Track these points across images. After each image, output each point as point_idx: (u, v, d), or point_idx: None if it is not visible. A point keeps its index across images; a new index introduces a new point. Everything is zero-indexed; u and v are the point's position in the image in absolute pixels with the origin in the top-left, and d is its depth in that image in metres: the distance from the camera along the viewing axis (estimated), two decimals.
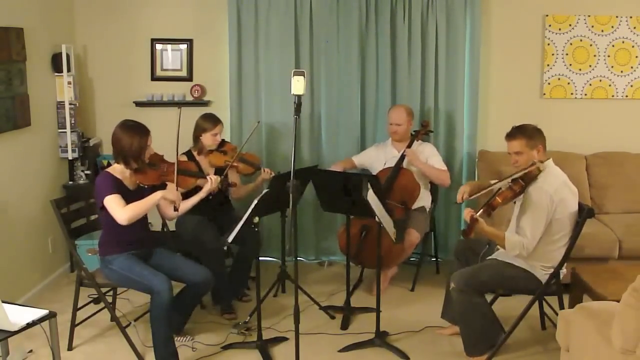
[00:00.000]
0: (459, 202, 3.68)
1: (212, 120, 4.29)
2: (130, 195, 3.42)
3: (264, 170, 4.35)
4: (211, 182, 3.71)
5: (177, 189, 3.52)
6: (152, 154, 3.55)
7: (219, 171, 4.20)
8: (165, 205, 3.64)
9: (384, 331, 3.86)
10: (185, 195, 3.78)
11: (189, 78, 5.16)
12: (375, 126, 5.10)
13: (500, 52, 5.11)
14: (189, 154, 4.31)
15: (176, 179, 3.51)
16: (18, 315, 2.76)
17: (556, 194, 3.35)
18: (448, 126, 5.08)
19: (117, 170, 3.47)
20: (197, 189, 3.76)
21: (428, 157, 4.60)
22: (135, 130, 3.44)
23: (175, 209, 3.51)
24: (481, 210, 3.35)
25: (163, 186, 3.61)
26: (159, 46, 5.14)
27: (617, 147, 5.06)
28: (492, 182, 3.64)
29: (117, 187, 3.39)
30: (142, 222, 3.56)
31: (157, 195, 3.40)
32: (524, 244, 3.35)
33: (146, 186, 3.50)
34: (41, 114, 4.54)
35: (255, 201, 3.41)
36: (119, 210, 3.31)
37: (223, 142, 4.37)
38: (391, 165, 4.54)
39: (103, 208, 3.38)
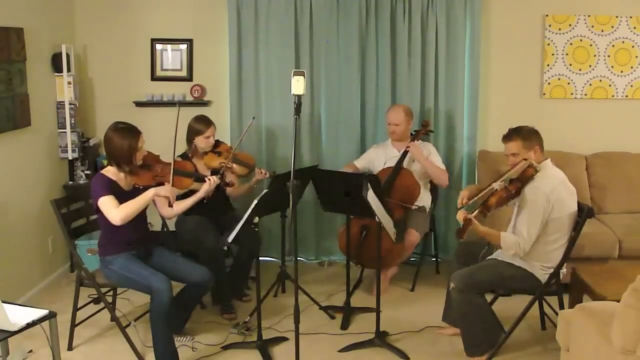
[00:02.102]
0: (459, 207, 3.65)
1: (204, 122, 4.25)
2: (125, 197, 3.41)
3: (259, 171, 4.34)
4: (209, 183, 3.69)
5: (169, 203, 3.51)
6: (146, 154, 3.54)
7: (215, 172, 4.20)
8: (162, 202, 3.65)
9: (384, 331, 3.86)
10: (184, 197, 3.78)
11: (189, 78, 5.16)
12: (375, 126, 5.10)
13: (500, 52, 5.10)
14: (184, 156, 4.28)
15: (172, 179, 3.50)
16: (18, 315, 2.76)
17: (552, 194, 3.35)
18: (448, 126, 5.08)
19: (112, 171, 3.47)
20: (195, 190, 3.76)
21: (428, 155, 4.61)
22: (126, 132, 3.42)
23: (170, 205, 3.51)
24: (476, 212, 3.36)
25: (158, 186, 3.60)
26: (159, 46, 5.14)
27: (617, 147, 5.06)
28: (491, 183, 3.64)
29: (111, 188, 3.39)
30: (141, 222, 3.56)
31: (149, 193, 3.40)
32: (519, 244, 3.35)
33: (141, 187, 3.49)
34: (41, 114, 4.54)
35: (255, 201, 3.41)
36: (112, 210, 3.31)
37: (217, 143, 4.34)
38: (391, 165, 4.54)
39: (99, 209, 3.38)
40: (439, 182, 4.63)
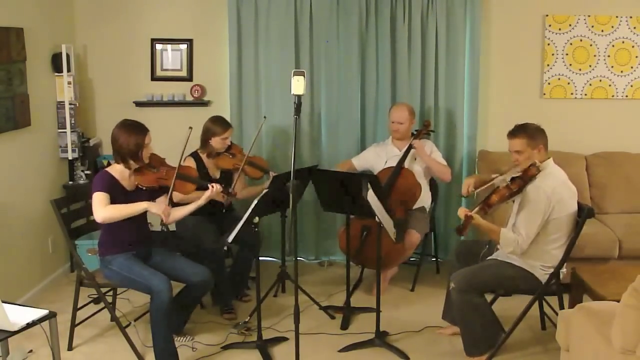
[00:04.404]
0: (464, 194, 3.69)
1: (222, 124, 4.26)
2: (127, 196, 3.42)
3: (272, 176, 4.31)
4: (212, 190, 3.65)
5: (168, 203, 3.47)
6: (151, 154, 3.54)
7: (227, 174, 4.19)
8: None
9: (384, 331, 3.86)
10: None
11: (189, 78, 5.16)
12: (375, 126, 5.10)
13: (500, 52, 5.10)
14: (195, 155, 4.29)
15: (174, 183, 3.48)
16: (18, 315, 2.76)
17: (554, 194, 3.35)
18: (448, 126, 5.08)
19: (117, 170, 3.47)
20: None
21: (430, 153, 4.63)
22: (133, 128, 3.44)
23: (162, 223, 3.51)
24: (477, 208, 3.37)
25: (161, 190, 3.58)
26: (159, 46, 5.14)
27: (617, 147, 5.06)
28: (494, 176, 3.64)
29: (111, 186, 3.39)
30: (141, 222, 3.56)
31: (141, 205, 3.39)
32: (517, 242, 3.36)
33: (144, 188, 3.49)
34: (41, 114, 4.54)
35: (255, 201, 3.41)
36: (99, 208, 3.32)
37: (231, 145, 4.34)
38: (392, 165, 4.53)
39: None
40: (443, 178, 4.64)
